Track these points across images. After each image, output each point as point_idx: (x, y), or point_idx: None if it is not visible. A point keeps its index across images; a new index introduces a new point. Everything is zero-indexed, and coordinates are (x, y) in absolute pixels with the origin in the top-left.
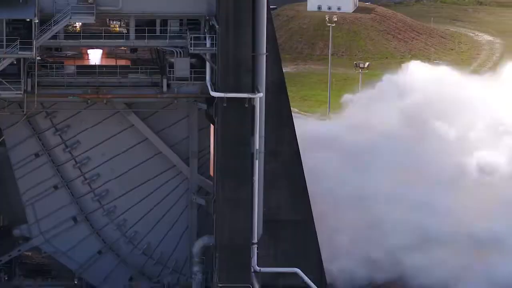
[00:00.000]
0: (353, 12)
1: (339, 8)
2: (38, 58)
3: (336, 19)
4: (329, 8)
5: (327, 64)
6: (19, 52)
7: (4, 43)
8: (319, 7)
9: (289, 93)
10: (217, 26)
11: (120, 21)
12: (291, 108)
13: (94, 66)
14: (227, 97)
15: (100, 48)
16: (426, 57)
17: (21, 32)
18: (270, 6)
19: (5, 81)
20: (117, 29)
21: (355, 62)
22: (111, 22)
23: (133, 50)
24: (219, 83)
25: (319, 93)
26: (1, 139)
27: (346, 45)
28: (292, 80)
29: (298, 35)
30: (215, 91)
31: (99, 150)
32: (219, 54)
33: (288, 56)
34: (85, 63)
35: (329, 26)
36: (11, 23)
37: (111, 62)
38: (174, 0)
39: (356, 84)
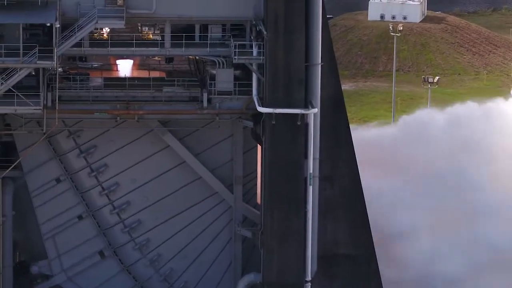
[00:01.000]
0: (421, 22)
1: (404, 18)
2: (60, 68)
3: (401, 29)
4: (393, 18)
5: (391, 81)
6: (38, 62)
7: (21, 51)
8: (382, 16)
9: (347, 114)
10: (264, 32)
11: (153, 26)
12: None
13: (124, 79)
14: (276, 113)
15: (131, 58)
16: (505, 73)
17: (40, 39)
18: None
19: (21, 94)
20: (150, 36)
21: (423, 77)
22: (144, 27)
23: (169, 60)
24: (267, 97)
25: (382, 114)
26: (17, 161)
27: (413, 59)
28: (351, 99)
29: (358, 47)
30: (263, 106)
31: (129, 175)
32: (267, 64)
33: (346, 72)
34: (114, 75)
35: (394, 36)
36: (29, 28)
37: (144, 74)
38: (215, 3)
39: (424, 104)
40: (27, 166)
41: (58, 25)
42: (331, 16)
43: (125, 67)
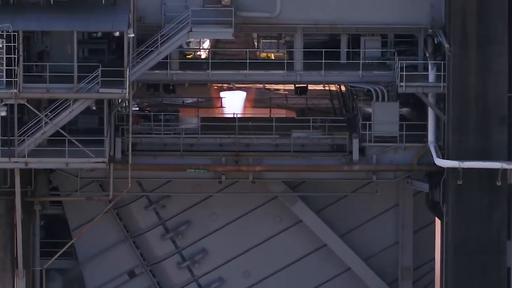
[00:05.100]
0: None
1: None
2: (134, 104)
3: None
4: None
5: None
6: (101, 90)
7: (75, 74)
8: None
9: None
10: (446, 45)
11: (277, 38)
12: None
13: (232, 119)
14: (464, 169)
15: (243, 88)
16: None
17: (104, 57)
18: None
19: (76, 140)
20: (272, 55)
21: None
22: (262, 40)
23: (300, 90)
24: (450, 144)
25: None
26: (68, 245)
27: None
28: None
29: None
30: (444, 158)
31: (240, 266)
32: (450, 94)
33: None
34: (217, 113)
35: None
36: (88, 41)
37: (262, 112)
38: (370, 3)
39: None
40: (84, 252)
41: (133, 35)
42: None
43: (234, 102)
